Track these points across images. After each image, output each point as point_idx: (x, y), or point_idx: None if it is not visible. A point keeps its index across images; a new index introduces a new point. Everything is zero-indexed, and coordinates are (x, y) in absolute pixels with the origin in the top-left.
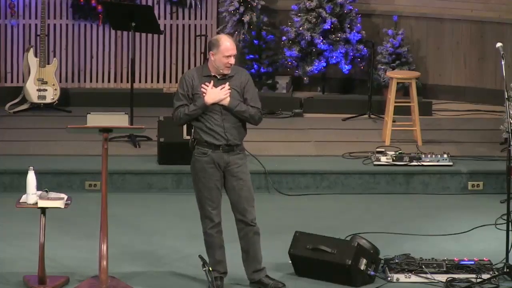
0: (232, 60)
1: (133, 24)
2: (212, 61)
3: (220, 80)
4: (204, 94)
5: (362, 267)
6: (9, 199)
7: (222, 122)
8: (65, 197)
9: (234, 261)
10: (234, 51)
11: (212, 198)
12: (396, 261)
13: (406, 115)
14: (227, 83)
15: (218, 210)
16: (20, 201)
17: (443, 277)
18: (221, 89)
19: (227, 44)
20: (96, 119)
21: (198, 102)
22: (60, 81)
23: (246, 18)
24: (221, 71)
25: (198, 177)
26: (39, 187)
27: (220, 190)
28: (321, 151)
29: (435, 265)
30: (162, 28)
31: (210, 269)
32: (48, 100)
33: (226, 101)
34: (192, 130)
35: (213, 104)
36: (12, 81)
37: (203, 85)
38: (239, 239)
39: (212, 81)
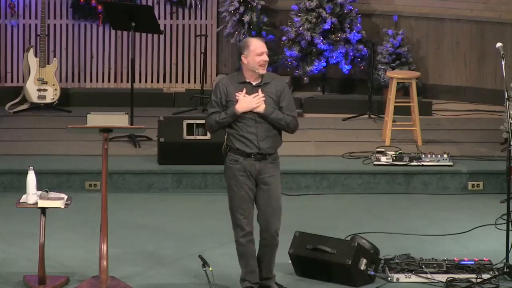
0: (265, 57)
1: (133, 24)
2: (245, 65)
3: (255, 87)
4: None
5: (362, 267)
6: (9, 199)
7: (255, 130)
8: (65, 197)
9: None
10: (265, 48)
11: (243, 207)
12: (396, 261)
13: (406, 115)
14: (260, 90)
15: (249, 219)
16: (20, 201)
17: (443, 277)
18: (254, 97)
19: (256, 43)
20: (96, 119)
21: (229, 110)
22: (60, 81)
23: (246, 18)
24: (257, 71)
25: (229, 185)
26: (39, 187)
27: (252, 199)
28: (321, 151)
29: (435, 265)
30: (162, 28)
31: (211, 269)
32: (48, 100)
33: (261, 109)
34: (225, 137)
35: (246, 112)
36: (12, 81)
37: (237, 93)
38: (259, 246)
39: (245, 89)
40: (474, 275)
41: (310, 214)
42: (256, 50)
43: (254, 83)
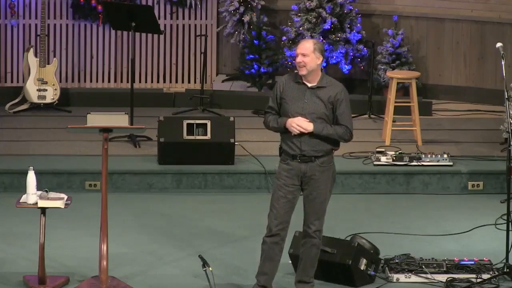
0: (299, 59)
1: (133, 24)
2: None
3: (309, 89)
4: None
5: (362, 267)
6: (9, 199)
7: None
8: (65, 197)
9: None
10: (303, 50)
11: (277, 207)
12: (396, 261)
13: (406, 115)
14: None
15: (280, 222)
16: (20, 201)
17: (443, 277)
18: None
19: (300, 43)
20: (96, 119)
21: (280, 122)
22: (60, 81)
23: (246, 18)
24: (296, 71)
25: (274, 183)
26: (39, 187)
27: (290, 203)
28: None
29: (435, 265)
30: (162, 28)
31: (211, 269)
32: (48, 100)
33: (310, 128)
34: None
35: (296, 114)
36: (12, 81)
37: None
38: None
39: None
40: (474, 275)
41: None
42: (296, 50)
43: (309, 85)
